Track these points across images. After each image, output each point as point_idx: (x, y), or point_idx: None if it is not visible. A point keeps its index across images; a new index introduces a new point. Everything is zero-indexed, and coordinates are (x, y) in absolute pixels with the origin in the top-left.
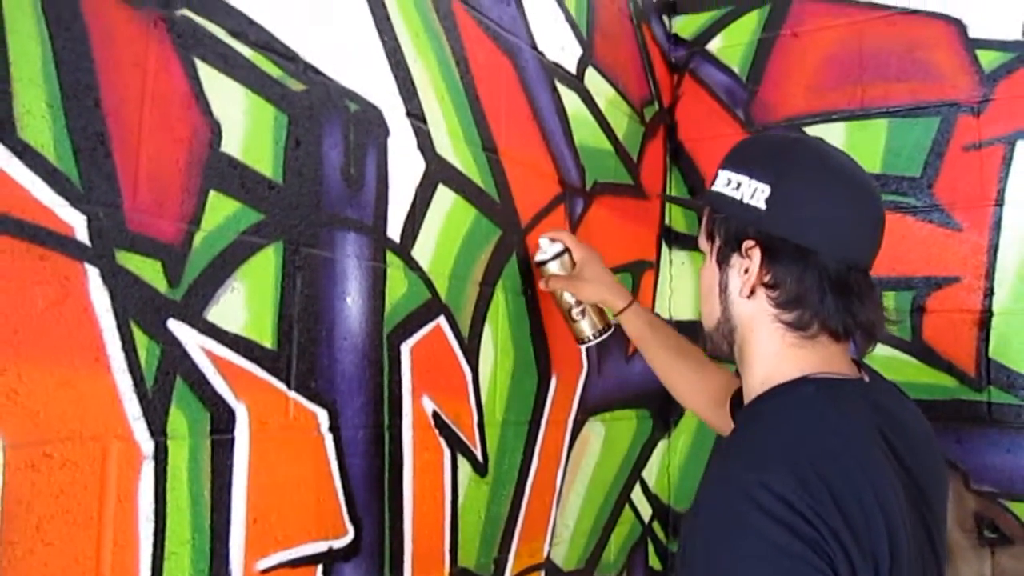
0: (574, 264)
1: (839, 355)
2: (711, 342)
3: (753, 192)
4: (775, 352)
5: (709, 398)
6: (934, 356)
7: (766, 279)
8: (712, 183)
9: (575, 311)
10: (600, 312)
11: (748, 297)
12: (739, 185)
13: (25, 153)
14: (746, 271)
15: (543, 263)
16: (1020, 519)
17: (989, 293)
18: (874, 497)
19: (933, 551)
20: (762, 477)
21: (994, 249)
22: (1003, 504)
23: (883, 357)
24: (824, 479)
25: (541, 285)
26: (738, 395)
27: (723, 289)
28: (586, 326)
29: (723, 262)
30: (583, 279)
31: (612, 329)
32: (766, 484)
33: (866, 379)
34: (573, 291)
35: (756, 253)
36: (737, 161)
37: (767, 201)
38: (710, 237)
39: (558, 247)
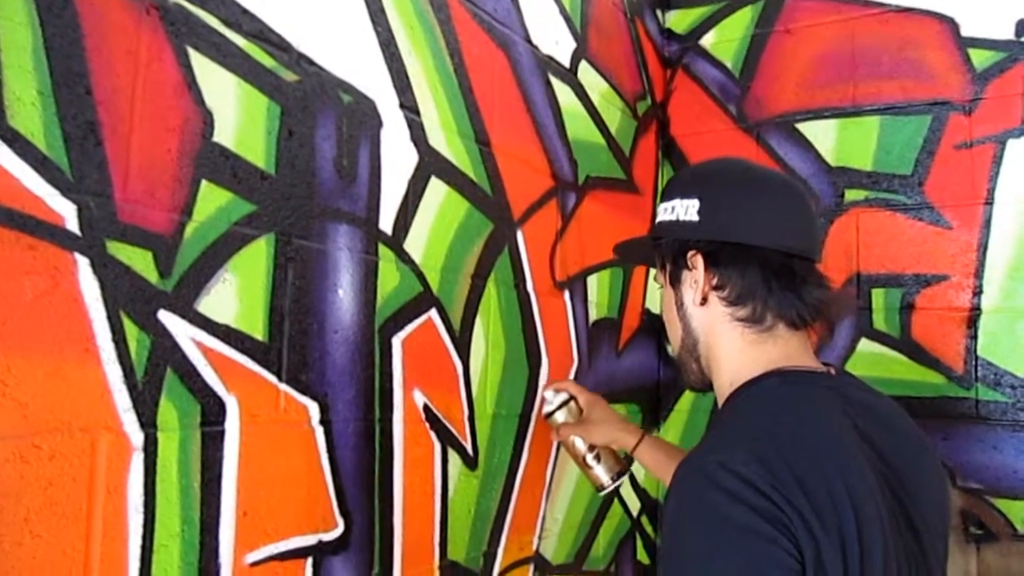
0: (581, 411)
1: (801, 348)
2: (683, 369)
3: (686, 209)
4: (738, 352)
5: None
6: (923, 353)
7: (714, 282)
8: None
9: (589, 457)
10: (614, 455)
11: (702, 305)
12: (673, 209)
13: (15, 141)
14: (695, 281)
15: (550, 414)
16: (1006, 516)
17: (978, 291)
18: (841, 480)
19: (918, 541)
20: (721, 457)
21: (984, 248)
22: (989, 501)
23: (872, 354)
24: (786, 460)
25: (552, 437)
26: None
27: (680, 306)
28: (602, 472)
29: (676, 283)
30: (591, 422)
31: (628, 471)
32: (725, 464)
33: (833, 373)
34: (584, 435)
35: (699, 260)
36: (668, 191)
37: (699, 212)
38: (662, 267)
39: (563, 396)
